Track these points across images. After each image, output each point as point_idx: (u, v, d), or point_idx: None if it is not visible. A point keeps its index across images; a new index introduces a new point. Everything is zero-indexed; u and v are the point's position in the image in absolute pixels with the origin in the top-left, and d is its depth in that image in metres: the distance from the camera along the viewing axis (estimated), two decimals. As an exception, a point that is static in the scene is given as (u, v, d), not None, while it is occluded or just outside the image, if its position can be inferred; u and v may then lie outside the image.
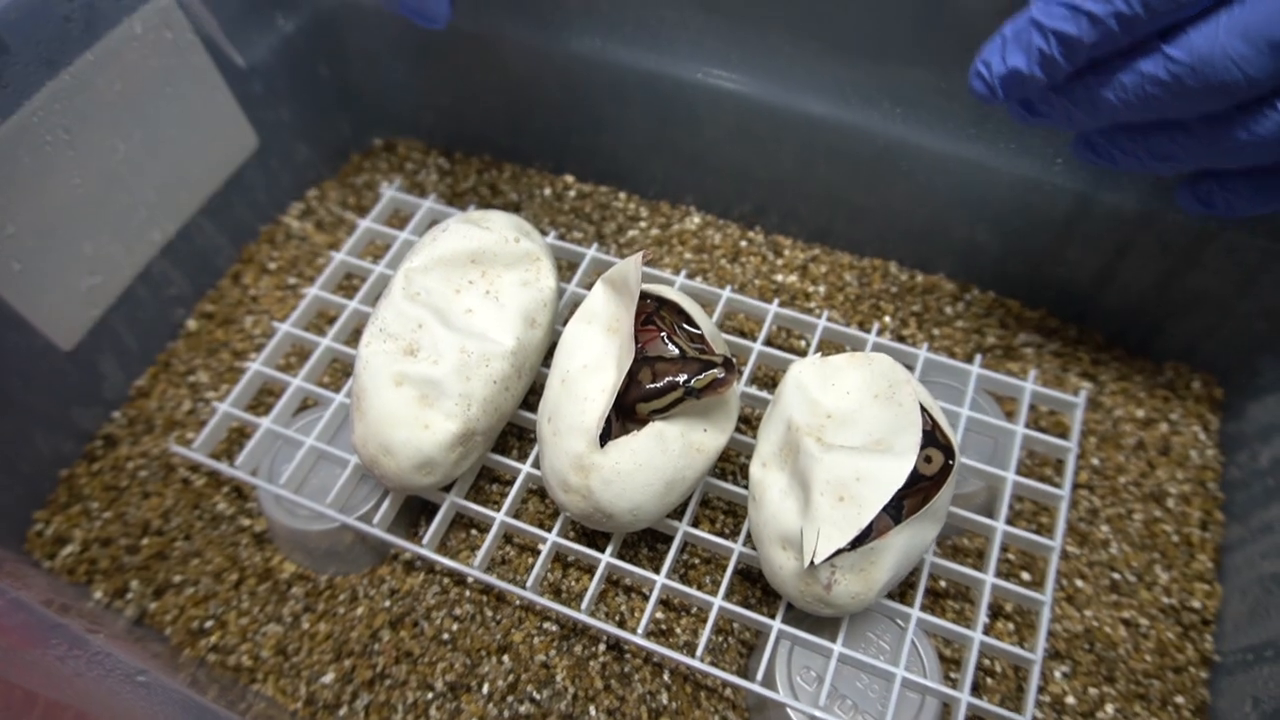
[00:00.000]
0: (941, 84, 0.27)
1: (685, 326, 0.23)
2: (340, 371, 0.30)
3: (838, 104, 0.28)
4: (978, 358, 0.27)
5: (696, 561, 0.26)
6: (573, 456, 0.22)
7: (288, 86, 0.33)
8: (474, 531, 0.27)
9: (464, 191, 0.35)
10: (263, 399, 0.29)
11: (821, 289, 0.31)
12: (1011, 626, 0.25)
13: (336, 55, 0.34)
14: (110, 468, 0.28)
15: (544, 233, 0.32)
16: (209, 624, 0.26)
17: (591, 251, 0.30)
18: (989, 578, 0.23)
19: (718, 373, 0.21)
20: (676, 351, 0.22)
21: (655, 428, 0.22)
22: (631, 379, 0.22)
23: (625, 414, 0.22)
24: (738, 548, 0.24)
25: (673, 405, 0.22)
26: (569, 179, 0.35)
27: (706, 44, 0.29)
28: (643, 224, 0.34)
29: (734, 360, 0.22)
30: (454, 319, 0.24)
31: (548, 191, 0.35)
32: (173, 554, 0.27)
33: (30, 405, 0.27)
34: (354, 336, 0.29)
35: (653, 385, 0.21)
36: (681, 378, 0.21)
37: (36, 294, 0.26)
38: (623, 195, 0.34)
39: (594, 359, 0.22)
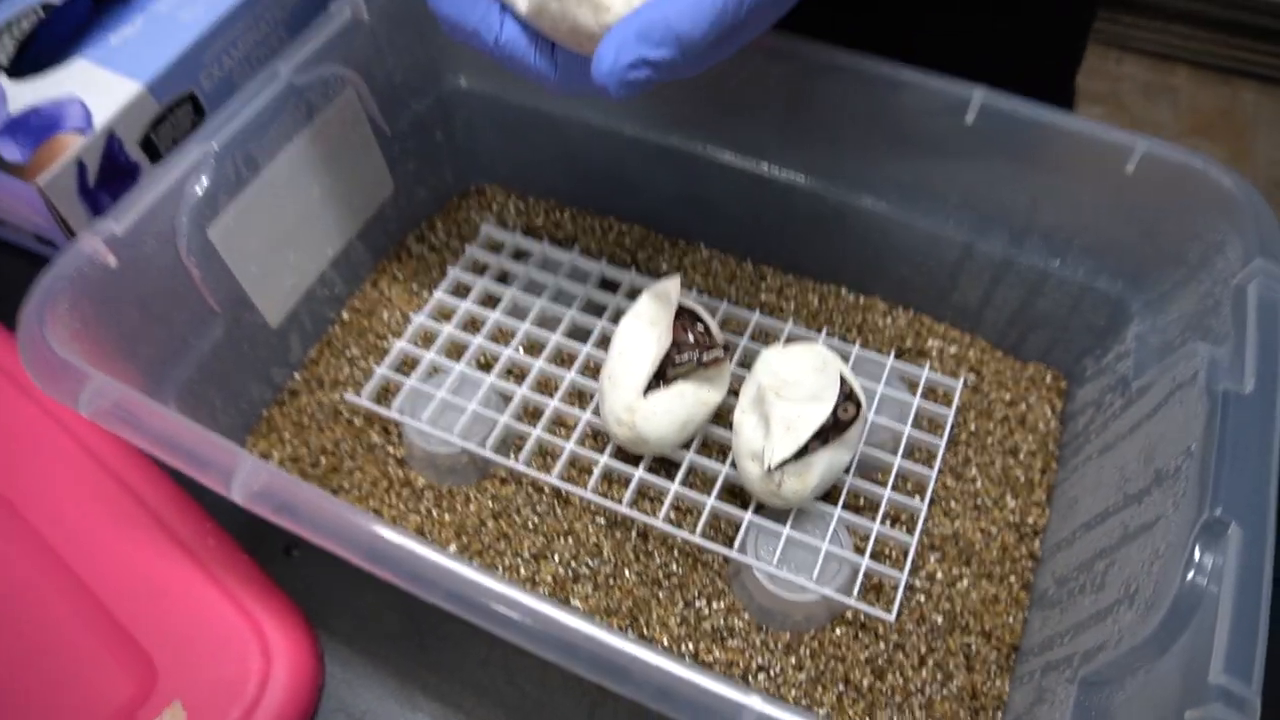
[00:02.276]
0: (878, 167, 0.40)
1: (699, 324, 0.36)
2: (454, 350, 0.42)
3: (813, 181, 0.41)
4: (891, 354, 0.40)
5: (696, 481, 0.38)
6: (625, 402, 0.35)
7: (414, 148, 0.46)
8: (548, 457, 0.39)
9: (535, 227, 0.48)
10: (402, 368, 0.42)
11: (791, 304, 0.44)
12: (904, 529, 0.38)
13: (448, 125, 0.47)
14: (295, 410, 0.41)
15: (595, 259, 0.45)
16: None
17: (631, 274, 0.43)
18: (887, 491, 0.36)
19: (717, 353, 0.34)
20: (692, 340, 0.35)
21: (678, 386, 0.35)
22: (665, 355, 0.34)
23: (659, 376, 0.35)
24: (724, 469, 0.37)
25: (689, 372, 0.34)
26: (612, 219, 0.48)
27: (709, 127, 0.42)
28: (665, 254, 0.47)
29: (727, 346, 0.35)
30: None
31: (597, 229, 0.48)
32: (342, 468, 0.39)
33: (250, 363, 0.40)
34: (465, 326, 0.42)
35: (677, 358, 0.34)
36: (695, 354, 0.34)
37: (262, 289, 0.39)
38: (652, 233, 0.47)
39: (642, 341, 0.35)
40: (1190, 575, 0.25)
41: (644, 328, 0.36)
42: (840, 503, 0.36)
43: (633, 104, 0.43)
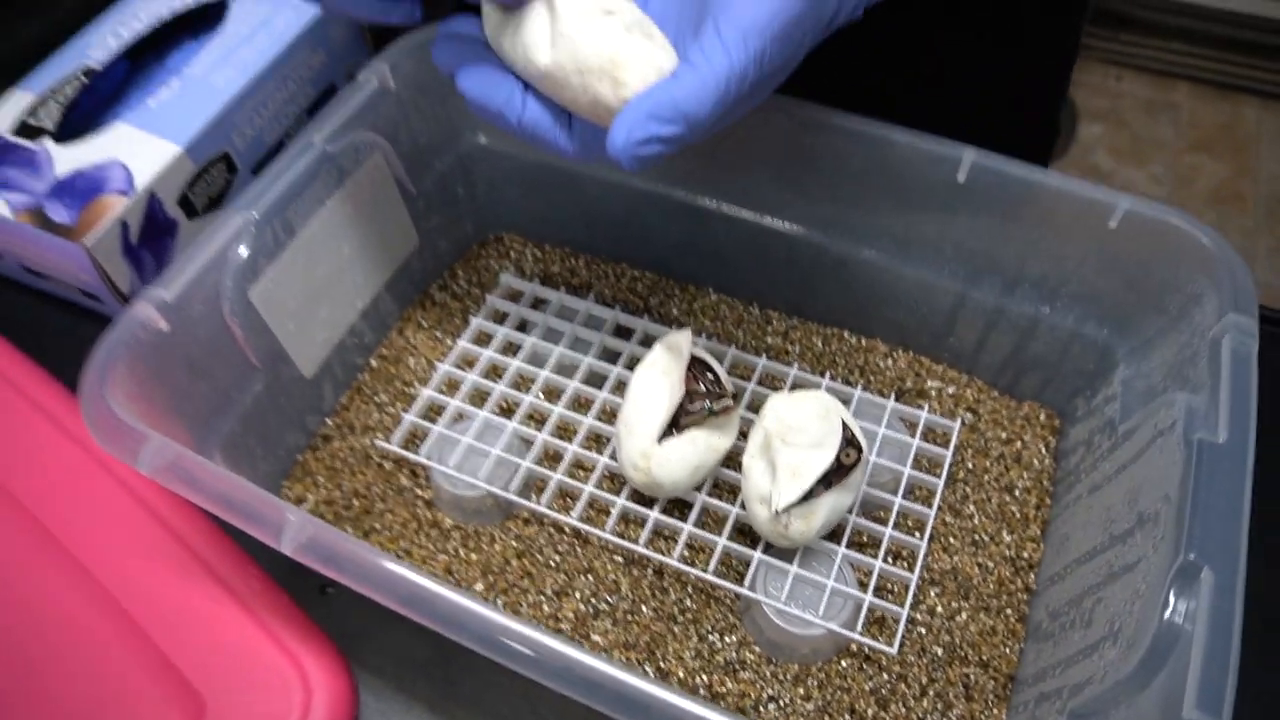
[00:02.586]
0: (876, 221, 0.42)
1: (709, 373, 0.39)
2: (478, 397, 0.45)
3: (815, 232, 0.44)
4: (892, 395, 0.42)
5: (708, 520, 0.41)
6: (641, 449, 0.37)
7: (437, 203, 0.48)
8: (568, 499, 0.42)
9: (552, 274, 0.51)
10: (429, 415, 0.44)
11: (796, 347, 0.47)
12: (904, 566, 0.40)
13: (468, 180, 0.50)
14: (328, 455, 0.44)
15: (609, 306, 0.47)
16: (399, 555, 0.40)
17: (644, 322, 0.45)
18: (888, 530, 0.38)
19: (727, 402, 0.36)
20: (703, 389, 0.37)
21: (690, 433, 0.37)
22: (678, 405, 0.37)
23: (673, 424, 0.37)
24: (734, 509, 0.39)
25: (701, 420, 0.37)
26: (625, 265, 0.50)
27: (714, 182, 0.45)
28: (676, 299, 0.49)
29: (737, 395, 0.37)
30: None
31: (610, 275, 0.50)
32: (374, 510, 0.42)
33: (286, 412, 0.42)
34: (488, 373, 0.45)
35: (689, 407, 0.37)
36: (706, 404, 0.36)
37: (298, 343, 0.42)
38: (664, 278, 0.50)
39: (655, 390, 0.37)
40: (1167, 615, 0.27)
41: (657, 377, 0.38)
42: (844, 541, 0.38)
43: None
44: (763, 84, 0.30)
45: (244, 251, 0.37)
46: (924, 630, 0.38)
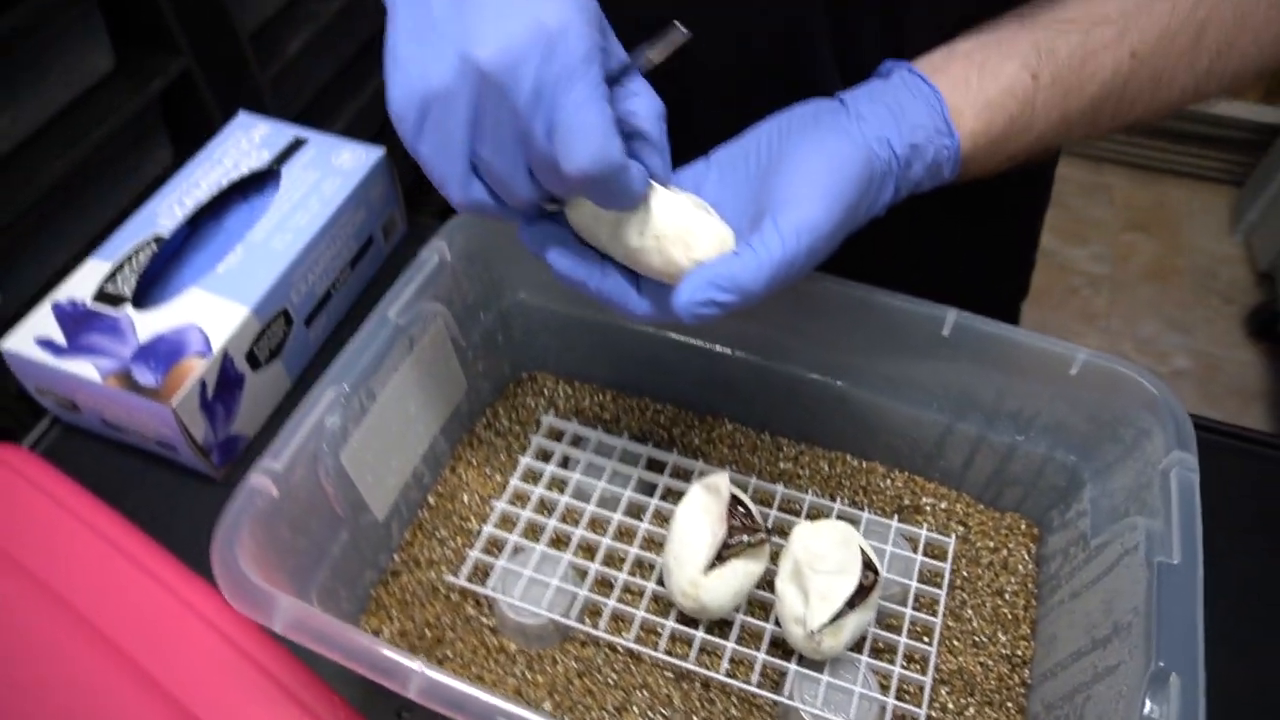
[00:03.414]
0: (873, 366, 0.49)
1: (740, 506, 0.45)
2: (533, 531, 0.50)
3: (819, 375, 0.51)
4: (895, 515, 0.48)
5: (747, 636, 0.46)
6: (690, 578, 0.43)
7: (483, 352, 0.55)
8: (621, 622, 0.47)
9: (583, 408, 0.57)
10: (489, 550, 0.50)
11: (805, 471, 0.53)
12: (917, 668, 0.46)
13: (508, 330, 0.56)
14: (398, 589, 0.49)
15: (642, 442, 0.53)
16: (473, 680, 0.45)
17: (674, 456, 0.51)
18: (902, 639, 0.44)
19: (761, 535, 0.43)
20: (740, 525, 0.43)
21: (731, 564, 0.43)
22: (722, 540, 0.43)
23: (716, 556, 0.43)
24: (770, 626, 0.45)
25: (740, 552, 0.43)
26: (648, 399, 0.57)
27: (728, 332, 0.51)
28: (696, 429, 0.55)
29: (770, 529, 0.43)
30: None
31: (635, 409, 0.56)
32: (445, 639, 0.47)
33: (364, 554, 0.47)
34: (539, 509, 0.50)
35: (730, 541, 0.43)
36: (744, 538, 0.42)
37: (375, 492, 0.47)
38: (684, 411, 0.56)
39: (698, 526, 0.43)
40: (1145, 714, 0.33)
41: (698, 514, 0.44)
42: (865, 650, 0.44)
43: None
44: (807, 267, 0.36)
45: (336, 421, 0.43)
46: (938, 726, 0.44)
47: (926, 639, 0.46)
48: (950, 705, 0.44)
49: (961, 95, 0.39)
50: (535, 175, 0.33)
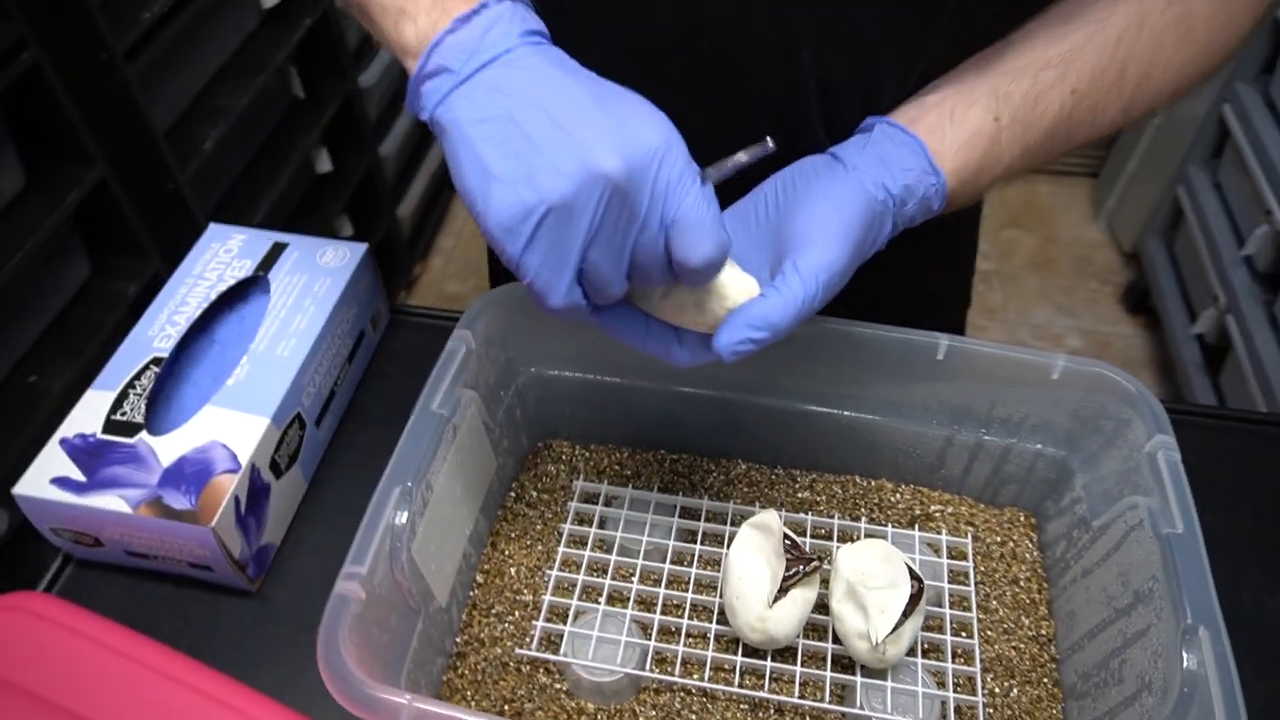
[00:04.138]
0: (876, 391, 0.54)
1: (786, 539, 0.48)
2: (590, 593, 0.53)
3: (826, 407, 0.55)
4: (915, 526, 0.53)
5: (808, 658, 0.50)
6: (756, 613, 0.46)
7: (506, 429, 0.57)
8: (690, 665, 0.50)
9: (604, 468, 0.60)
10: (551, 618, 0.52)
11: (822, 498, 0.57)
12: (963, 660, 0.50)
13: (524, 403, 0.58)
14: (468, 670, 0.50)
15: (672, 494, 0.57)
16: (557, 744, 0.47)
17: (705, 501, 0.55)
18: (948, 637, 0.49)
19: (815, 564, 0.46)
20: (793, 557, 0.47)
21: (791, 594, 0.46)
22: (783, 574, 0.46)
23: (779, 588, 0.47)
24: (830, 645, 0.49)
25: (797, 582, 0.46)
26: (663, 452, 0.60)
27: (733, 378, 0.55)
28: (713, 474, 0.59)
29: (820, 559, 0.47)
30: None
31: (653, 462, 0.60)
32: (524, 711, 0.48)
33: (434, 641, 0.49)
34: (592, 571, 0.53)
35: (788, 573, 0.46)
36: (801, 568, 0.46)
37: (438, 579, 0.48)
38: (698, 458, 0.60)
39: (755, 564, 0.47)
40: (1185, 666, 0.39)
41: (752, 553, 0.48)
42: (919, 653, 0.48)
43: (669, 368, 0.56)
44: (825, 301, 0.41)
45: (404, 518, 0.44)
46: (991, 710, 0.48)
47: (965, 633, 0.51)
48: (997, 690, 0.49)
49: (939, 140, 0.45)
50: (633, 271, 0.37)
